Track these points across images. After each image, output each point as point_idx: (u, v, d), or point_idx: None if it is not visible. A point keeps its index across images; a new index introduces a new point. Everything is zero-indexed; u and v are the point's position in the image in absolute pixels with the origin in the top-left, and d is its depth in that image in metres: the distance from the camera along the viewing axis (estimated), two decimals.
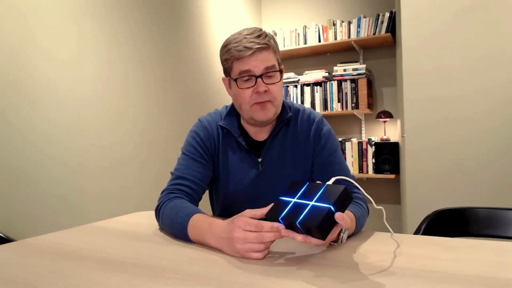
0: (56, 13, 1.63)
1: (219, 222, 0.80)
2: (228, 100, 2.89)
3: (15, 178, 1.45)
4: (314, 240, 0.67)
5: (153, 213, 1.02)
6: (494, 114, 1.94)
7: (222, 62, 1.05)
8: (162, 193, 1.01)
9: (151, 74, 2.18)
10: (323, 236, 0.65)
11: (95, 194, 1.78)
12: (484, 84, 1.95)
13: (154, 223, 1.01)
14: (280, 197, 0.77)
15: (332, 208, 0.64)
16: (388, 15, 2.93)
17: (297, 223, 0.67)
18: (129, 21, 2.02)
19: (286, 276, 0.63)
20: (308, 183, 0.75)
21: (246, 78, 0.98)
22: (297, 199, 0.73)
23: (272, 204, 0.77)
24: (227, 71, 1.04)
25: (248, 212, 0.76)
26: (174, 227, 0.88)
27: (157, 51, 2.22)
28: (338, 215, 0.64)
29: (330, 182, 0.73)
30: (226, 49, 1.00)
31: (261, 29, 1.00)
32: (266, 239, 0.71)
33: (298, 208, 0.70)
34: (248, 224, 0.72)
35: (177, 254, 0.76)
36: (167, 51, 2.31)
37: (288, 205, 0.72)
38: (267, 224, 0.71)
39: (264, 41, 0.97)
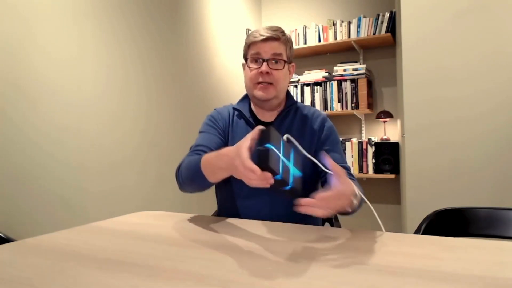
0: (56, 13, 1.63)
1: (226, 150, 0.88)
2: (228, 101, 2.90)
3: (15, 177, 1.45)
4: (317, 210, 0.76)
5: (153, 213, 1.02)
6: (494, 114, 1.94)
7: (244, 48, 1.21)
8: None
9: (151, 74, 2.18)
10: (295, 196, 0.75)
11: (95, 194, 1.78)
12: (484, 84, 1.95)
13: (154, 223, 1.01)
14: (267, 145, 0.73)
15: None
16: (388, 15, 2.93)
17: (286, 188, 0.75)
18: (129, 21, 2.02)
19: (285, 276, 0.63)
20: (282, 142, 0.77)
21: (255, 59, 1.13)
22: (283, 156, 0.75)
23: (259, 129, 0.78)
24: (245, 56, 1.19)
25: (245, 152, 0.74)
26: (190, 168, 0.99)
27: (157, 51, 2.22)
28: (329, 162, 0.80)
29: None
30: (247, 36, 1.18)
31: (281, 28, 1.15)
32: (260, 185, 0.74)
33: (286, 169, 0.75)
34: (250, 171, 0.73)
35: (177, 254, 0.76)
36: (167, 51, 2.31)
37: (279, 162, 0.74)
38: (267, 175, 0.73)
39: (278, 33, 1.12)
